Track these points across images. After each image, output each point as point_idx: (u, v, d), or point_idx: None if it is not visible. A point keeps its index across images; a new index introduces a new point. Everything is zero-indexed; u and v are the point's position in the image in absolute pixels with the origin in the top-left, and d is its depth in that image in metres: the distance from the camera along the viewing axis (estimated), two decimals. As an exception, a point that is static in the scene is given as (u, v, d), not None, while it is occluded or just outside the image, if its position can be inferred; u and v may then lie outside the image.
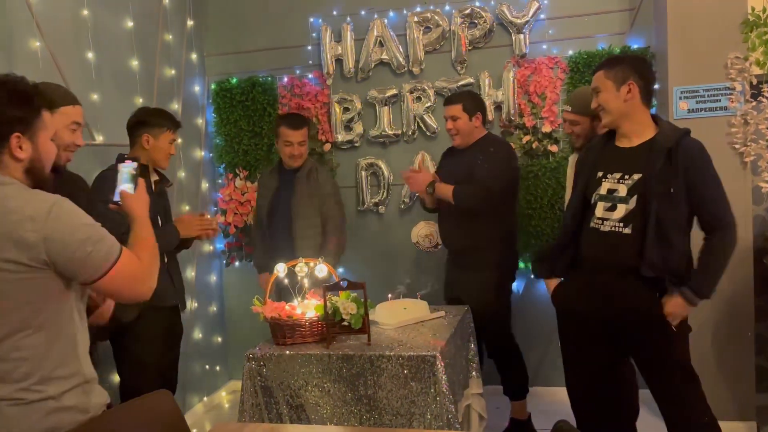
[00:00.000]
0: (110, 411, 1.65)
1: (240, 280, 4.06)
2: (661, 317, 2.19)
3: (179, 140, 3.05)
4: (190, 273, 3.71)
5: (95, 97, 2.99)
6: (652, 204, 2.15)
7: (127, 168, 1.73)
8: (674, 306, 2.18)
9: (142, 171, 2.31)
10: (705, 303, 2.97)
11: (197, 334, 3.79)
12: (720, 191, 2.22)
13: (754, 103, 3.01)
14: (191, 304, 3.72)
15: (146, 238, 1.65)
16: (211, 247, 4.02)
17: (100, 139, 2.99)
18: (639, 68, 2.26)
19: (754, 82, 3.00)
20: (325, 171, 3.48)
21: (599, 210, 2.28)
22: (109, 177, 2.42)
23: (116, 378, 2.71)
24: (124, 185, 1.70)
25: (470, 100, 3.07)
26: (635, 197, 2.20)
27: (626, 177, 2.24)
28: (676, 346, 2.24)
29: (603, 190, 2.28)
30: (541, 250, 2.55)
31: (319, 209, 3.24)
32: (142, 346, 2.58)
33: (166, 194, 2.84)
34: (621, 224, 2.22)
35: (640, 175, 2.20)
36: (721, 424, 3.07)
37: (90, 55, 2.99)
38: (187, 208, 3.71)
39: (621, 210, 2.22)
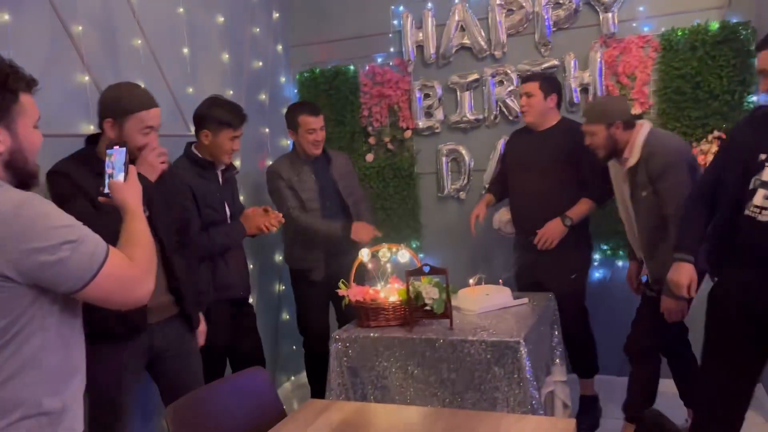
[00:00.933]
0: (208, 386, 1.77)
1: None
2: None
3: (266, 130, 3.14)
4: (277, 256, 3.85)
5: (190, 90, 3.15)
6: None
7: (115, 155, 1.54)
8: None
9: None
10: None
11: (285, 315, 3.95)
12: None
13: None
14: (278, 287, 3.87)
15: (140, 233, 1.42)
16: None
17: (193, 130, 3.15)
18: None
19: None
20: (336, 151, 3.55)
21: (758, 197, 2.02)
22: (176, 175, 2.44)
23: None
24: (115, 174, 1.51)
25: (547, 80, 3.11)
26: None
27: None
28: None
29: (766, 176, 2.01)
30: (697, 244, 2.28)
31: (353, 191, 3.41)
32: (208, 340, 2.48)
33: (233, 181, 2.90)
34: None
35: None
36: None
37: (185, 50, 3.15)
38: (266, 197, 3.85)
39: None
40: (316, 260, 3.26)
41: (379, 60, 3.95)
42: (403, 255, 2.66)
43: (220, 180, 2.77)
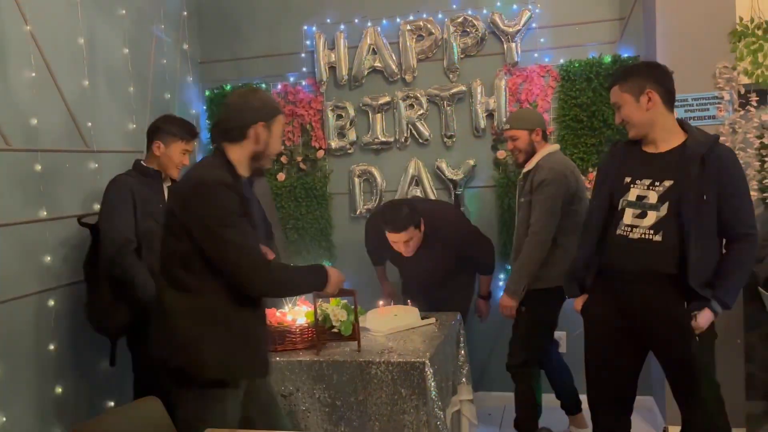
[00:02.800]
0: (101, 417, 1.66)
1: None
2: (688, 326, 2.15)
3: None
4: None
5: (90, 124, 3.02)
6: (688, 212, 2.11)
7: None
8: (704, 319, 2.15)
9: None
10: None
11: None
12: (748, 201, 2.19)
13: (741, 112, 3.04)
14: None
15: None
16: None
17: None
18: (654, 74, 2.23)
19: (742, 91, 3.03)
20: None
21: (627, 217, 2.21)
22: (121, 181, 2.62)
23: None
24: None
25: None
26: (666, 204, 2.15)
27: (657, 183, 2.19)
28: (704, 353, 2.23)
29: (632, 196, 2.22)
30: (570, 268, 2.48)
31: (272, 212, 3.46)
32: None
33: None
34: (651, 231, 2.17)
35: (671, 182, 2.16)
36: (711, 431, 3.10)
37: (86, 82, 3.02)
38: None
39: (651, 217, 2.17)
40: None
41: (292, 79, 3.93)
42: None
43: (165, 195, 2.76)
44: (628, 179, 2.24)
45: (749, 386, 3.24)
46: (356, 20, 3.80)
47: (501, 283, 3.60)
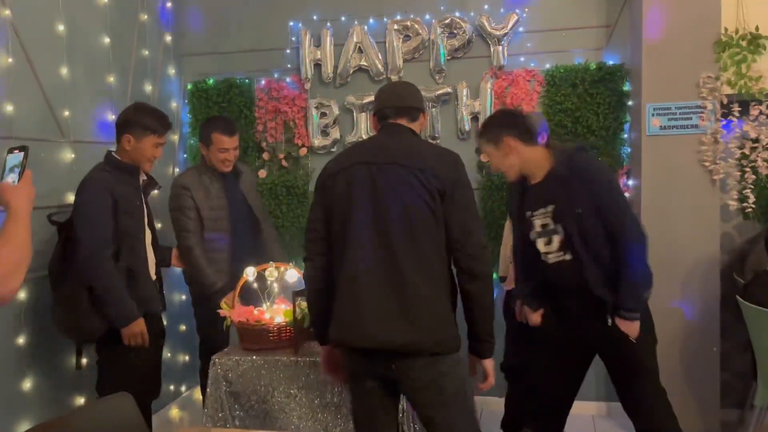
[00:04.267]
0: (71, 414, 1.60)
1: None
2: (615, 331, 2.27)
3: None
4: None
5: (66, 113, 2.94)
6: (569, 228, 2.26)
7: (12, 159, 1.57)
8: (623, 327, 2.27)
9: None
10: (673, 319, 3.04)
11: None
12: (618, 199, 2.29)
13: (724, 122, 3.07)
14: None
15: (15, 234, 1.44)
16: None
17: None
18: (505, 121, 2.39)
19: (725, 101, 3.06)
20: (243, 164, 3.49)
21: (541, 246, 2.37)
22: (98, 180, 2.50)
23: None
24: (7, 177, 1.54)
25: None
26: (560, 225, 2.30)
27: (547, 209, 2.33)
28: (642, 357, 2.33)
29: (537, 227, 2.37)
30: (525, 287, 2.57)
31: (260, 204, 3.39)
32: (137, 353, 2.54)
33: (147, 199, 2.75)
34: (561, 253, 2.32)
35: (553, 206, 2.31)
36: (686, 437, 3.13)
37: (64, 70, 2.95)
38: (159, 225, 3.65)
39: (556, 241, 2.32)
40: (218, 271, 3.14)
41: (276, 75, 3.89)
42: (292, 275, 2.59)
43: (143, 192, 2.67)
44: (528, 213, 2.39)
45: (724, 394, 3.28)
46: (343, 18, 3.77)
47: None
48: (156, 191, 2.86)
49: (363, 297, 1.85)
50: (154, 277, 2.73)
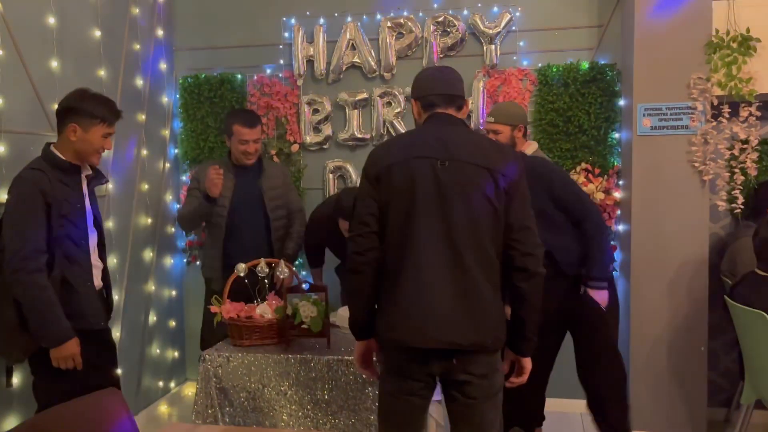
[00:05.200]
0: (56, 408, 1.59)
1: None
2: (585, 306, 2.59)
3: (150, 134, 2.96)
4: (150, 285, 3.67)
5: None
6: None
7: None
8: (595, 297, 2.59)
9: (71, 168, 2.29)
10: (661, 318, 3.07)
11: (155, 350, 3.71)
12: (572, 188, 2.63)
13: (714, 123, 3.09)
14: (147, 317, 3.66)
15: None
16: (171, 260, 3.94)
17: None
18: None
19: (715, 102, 3.08)
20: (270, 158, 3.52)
21: None
22: (28, 180, 2.21)
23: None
24: None
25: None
26: None
27: None
28: (598, 323, 2.63)
29: None
30: None
31: (288, 202, 3.37)
32: (69, 374, 2.24)
33: (95, 195, 2.50)
34: None
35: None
36: (673, 436, 3.16)
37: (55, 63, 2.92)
38: (149, 220, 3.64)
39: None
40: (214, 270, 3.18)
41: (268, 71, 3.87)
42: (282, 271, 2.59)
43: (85, 189, 2.40)
44: None
45: (711, 393, 3.30)
46: (336, 14, 3.76)
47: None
48: (105, 185, 2.69)
49: (429, 297, 1.81)
50: (100, 284, 2.45)
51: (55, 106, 2.83)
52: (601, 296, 2.58)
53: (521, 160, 1.92)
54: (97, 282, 2.42)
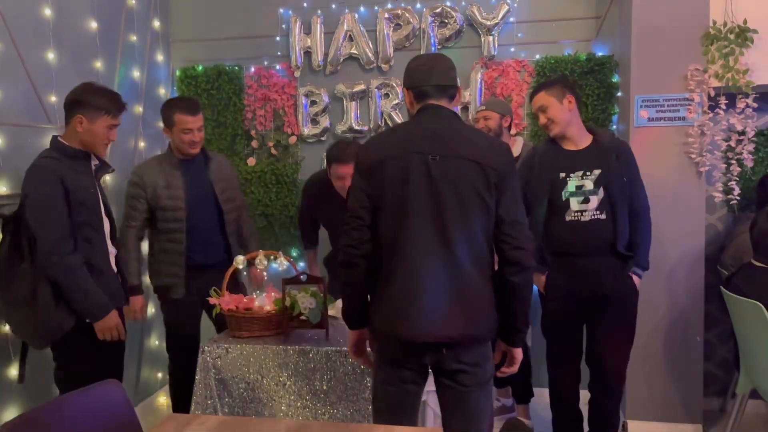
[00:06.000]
0: (58, 399, 1.60)
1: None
2: (630, 284, 2.67)
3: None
4: (147, 279, 3.62)
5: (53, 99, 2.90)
6: (616, 193, 2.60)
7: None
8: (636, 282, 2.69)
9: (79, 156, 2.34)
10: (658, 309, 3.09)
11: (154, 341, 3.73)
12: (643, 184, 2.73)
13: (711, 115, 3.09)
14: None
15: None
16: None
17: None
18: (570, 85, 2.74)
19: (712, 94, 3.08)
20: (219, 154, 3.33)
21: (574, 205, 2.63)
22: (47, 168, 2.31)
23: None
24: None
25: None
26: (601, 188, 2.61)
27: (588, 173, 2.63)
28: (634, 307, 2.73)
29: (571, 187, 2.64)
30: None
31: (234, 196, 3.15)
32: (100, 351, 2.44)
33: (101, 185, 2.58)
34: (598, 212, 2.62)
35: (600, 170, 2.62)
36: (670, 425, 3.21)
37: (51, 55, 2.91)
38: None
39: (594, 201, 2.62)
40: (174, 276, 2.96)
41: (266, 63, 3.87)
42: (281, 263, 2.60)
43: (95, 178, 2.50)
44: (562, 174, 2.66)
45: (707, 383, 3.33)
46: (333, 6, 3.75)
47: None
48: (108, 176, 2.71)
49: (422, 291, 1.83)
50: (114, 269, 2.58)
51: (53, 98, 2.87)
52: (638, 283, 2.71)
53: (512, 156, 1.95)
54: (113, 267, 2.56)
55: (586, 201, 2.62)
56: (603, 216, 2.61)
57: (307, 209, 3.35)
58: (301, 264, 3.78)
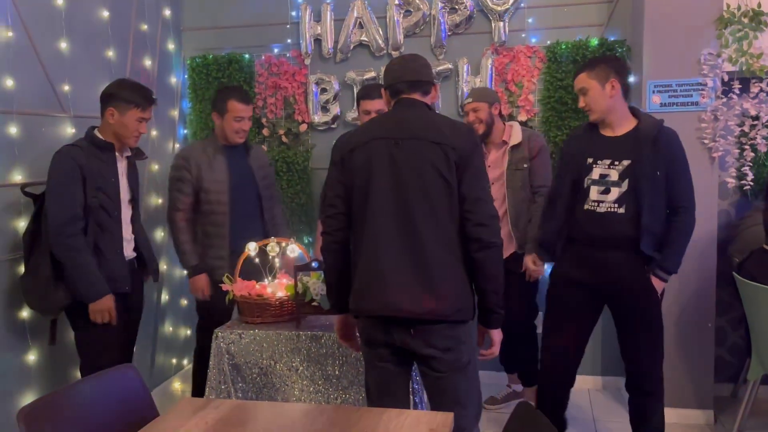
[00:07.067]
0: (74, 384, 1.63)
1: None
2: (648, 284, 2.47)
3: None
4: (161, 265, 3.67)
5: (66, 88, 2.93)
6: (644, 187, 2.40)
7: None
8: (656, 284, 2.48)
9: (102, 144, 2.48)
10: (669, 294, 3.09)
11: (168, 328, 3.77)
12: (689, 176, 2.50)
13: (724, 100, 3.06)
14: (159, 297, 3.70)
15: None
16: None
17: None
18: (617, 67, 2.49)
19: (726, 78, 3.05)
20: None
21: (593, 193, 2.49)
22: (67, 154, 2.45)
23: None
24: None
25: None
26: (626, 181, 2.44)
27: (616, 163, 2.46)
28: (656, 308, 2.52)
29: (595, 175, 2.49)
30: (541, 236, 2.73)
31: (270, 185, 3.29)
32: (105, 329, 2.50)
33: (135, 166, 2.74)
34: (616, 205, 2.45)
35: (629, 161, 2.44)
36: (681, 411, 3.21)
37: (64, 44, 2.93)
38: (159, 201, 3.66)
39: (615, 192, 2.46)
40: (219, 259, 3.03)
41: (276, 50, 3.87)
42: (293, 250, 2.62)
43: (122, 168, 2.62)
44: (590, 160, 2.51)
45: (718, 369, 3.33)
46: (343, -8, 3.74)
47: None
48: (156, 165, 2.83)
49: (385, 267, 1.89)
50: (132, 255, 2.68)
51: (65, 87, 2.90)
52: (660, 286, 2.50)
53: (476, 137, 2.00)
54: (128, 252, 2.64)
55: (606, 192, 2.46)
56: (621, 210, 2.43)
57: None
58: (311, 253, 3.80)
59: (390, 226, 1.91)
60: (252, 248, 2.58)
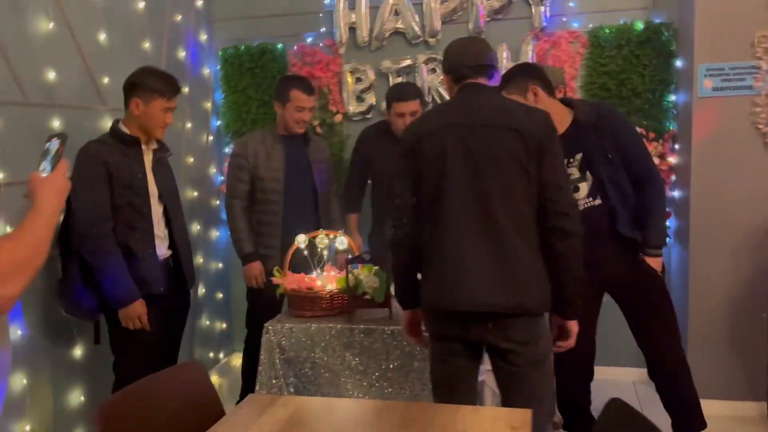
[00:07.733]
0: (141, 381, 1.60)
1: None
2: (646, 269, 2.43)
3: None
4: (198, 258, 3.64)
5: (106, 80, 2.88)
6: (601, 172, 2.38)
7: (49, 147, 1.41)
8: (651, 263, 2.44)
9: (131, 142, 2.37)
10: (721, 286, 3.00)
11: (205, 321, 3.74)
12: (644, 147, 2.49)
13: (778, 82, 2.97)
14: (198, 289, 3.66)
15: (30, 232, 1.24)
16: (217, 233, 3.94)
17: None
18: (529, 72, 2.42)
19: (781, 61, 2.96)
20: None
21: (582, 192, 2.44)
22: (92, 151, 2.35)
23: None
24: (41, 166, 1.38)
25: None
26: (587, 173, 2.42)
27: (572, 160, 2.42)
28: (660, 290, 2.50)
29: (574, 174, 2.44)
30: None
31: (328, 179, 3.27)
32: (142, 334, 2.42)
33: (167, 164, 2.63)
34: (590, 199, 2.43)
35: (581, 154, 2.41)
36: (733, 404, 3.13)
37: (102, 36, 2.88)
38: (195, 194, 3.62)
39: (584, 188, 2.43)
40: (270, 248, 3.04)
41: (309, 40, 3.80)
42: (342, 242, 2.57)
43: (148, 162, 2.50)
44: (570, 160, 2.43)
45: (771, 361, 3.24)
46: (378, -21, 3.67)
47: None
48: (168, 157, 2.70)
49: (465, 261, 1.83)
50: (167, 254, 2.55)
51: (105, 80, 2.85)
52: (657, 263, 2.48)
53: (552, 122, 1.91)
54: (162, 252, 2.52)
55: (576, 190, 2.42)
56: (597, 201, 2.41)
57: (360, 161, 3.32)
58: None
59: (470, 219, 1.84)
60: (301, 240, 2.53)
